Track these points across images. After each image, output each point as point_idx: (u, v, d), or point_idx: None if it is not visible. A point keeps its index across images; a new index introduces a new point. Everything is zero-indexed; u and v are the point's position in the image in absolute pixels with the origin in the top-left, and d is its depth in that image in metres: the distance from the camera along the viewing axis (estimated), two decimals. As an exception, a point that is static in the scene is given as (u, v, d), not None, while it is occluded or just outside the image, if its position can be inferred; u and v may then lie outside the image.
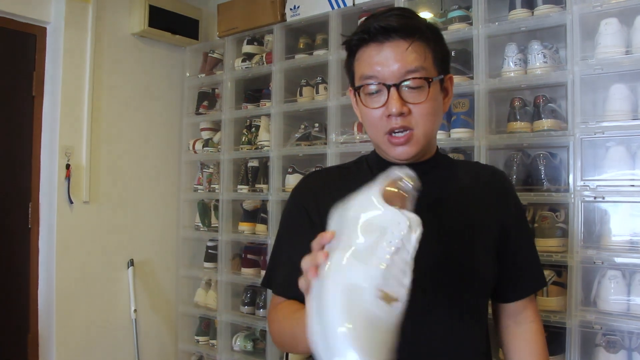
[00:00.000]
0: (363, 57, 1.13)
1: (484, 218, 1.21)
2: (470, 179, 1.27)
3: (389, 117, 1.09)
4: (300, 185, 1.29)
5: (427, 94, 1.09)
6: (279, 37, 2.99)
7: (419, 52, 1.09)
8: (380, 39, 1.09)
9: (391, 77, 1.08)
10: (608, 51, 1.96)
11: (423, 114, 1.10)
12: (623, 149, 1.98)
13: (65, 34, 2.89)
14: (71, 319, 2.90)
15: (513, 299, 1.28)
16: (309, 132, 2.87)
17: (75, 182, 2.92)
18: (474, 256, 1.17)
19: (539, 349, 1.27)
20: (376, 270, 0.76)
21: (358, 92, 1.15)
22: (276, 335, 1.15)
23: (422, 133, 1.12)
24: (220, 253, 3.18)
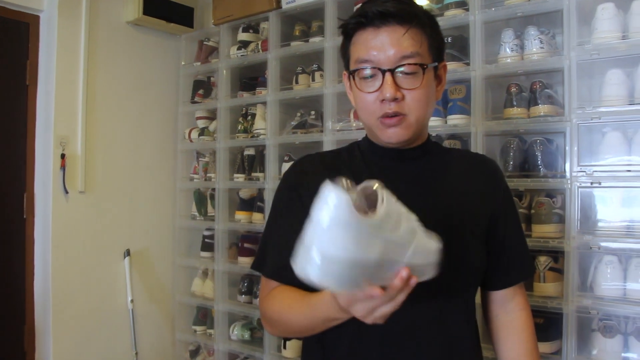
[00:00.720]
0: (359, 41, 1.13)
1: (474, 206, 1.22)
2: (460, 166, 1.27)
3: (382, 101, 1.10)
4: (293, 168, 1.29)
5: (422, 80, 1.10)
6: (275, 25, 2.97)
7: (415, 39, 1.09)
8: (377, 24, 1.09)
9: (386, 62, 1.08)
10: (604, 36, 1.96)
11: (416, 100, 1.10)
12: (619, 135, 1.98)
13: (58, 22, 2.87)
14: (67, 309, 2.90)
15: (501, 287, 1.29)
16: (305, 120, 2.86)
17: (70, 171, 2.91)
18: (463, 244, 1.17)
19: (528, 337, 1.28)
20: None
21: (353, 75, 1.14)
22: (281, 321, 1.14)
23: (415, 119, 1.12)
24: (217, 242, 3.18)
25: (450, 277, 1.14)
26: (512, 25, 2.24)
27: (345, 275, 0.77)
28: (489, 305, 1.32)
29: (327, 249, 0.76)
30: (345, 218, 0.75)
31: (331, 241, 0.76)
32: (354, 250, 0.76)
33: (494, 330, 1.32)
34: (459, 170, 1.26)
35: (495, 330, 1.31)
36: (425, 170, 1.22)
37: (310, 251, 0.77)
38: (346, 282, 0.79)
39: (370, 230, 0.77)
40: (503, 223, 1.25)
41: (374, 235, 0.78)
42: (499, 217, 1.24)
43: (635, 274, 1.89)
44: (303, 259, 0.79)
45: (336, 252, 0.76)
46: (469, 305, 1.21)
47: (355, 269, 0.77)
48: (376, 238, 0.78)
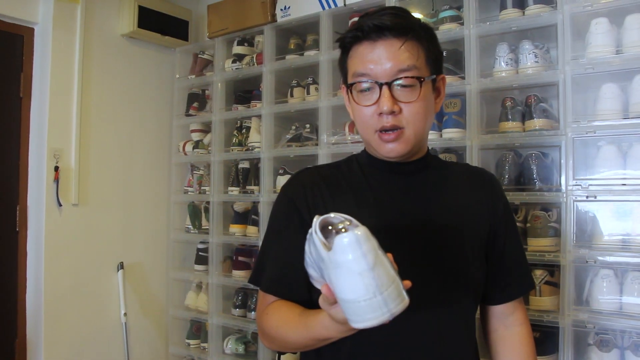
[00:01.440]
0: (356, 54, 1.13)
1: (473, 220, 1.21)
2: (460, 180, 1.27)
3: (380, 115, 1.10)
4: (291, 181, 1.28)
5: (419, 94, 1.09)
6: (270, 38, 2.98)
7: (411, 51, 1.09)
8: (374, 37, 1.09)
9: (383, 76, 1.08)
10: (598, 51, 1.97)
11: (414, 113, 1.10)
12: (614, 148, 1.98)
13: (53, 34, 2.87)
14: (60, 323, 2.87)
15: (501, 301, 1.28)
16: (300, 133, 2.86)
17: (64, 184, 2.89)
18: (462, 258, 1.17)
19: (527, 352, 1.27)
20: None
21: (350, 89, 1.15)
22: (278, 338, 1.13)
23: (413, 132, 1.12)
24: (211, 255, 3.16)
25: (450, 291, 1.14)
26: (507, 39, 2.25)
27: (400, 288, 0.80)
28: (488, 319, 1.32)
29: (387, 279, 0.78)
30: (375, 244, 0.79)
31: (386, 270, 0.78)
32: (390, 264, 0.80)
33: (493, 345, 1.31)
34: (458, 184, 1.25)
35: (494, 345, 1.30)
36: (424, 184, 1.22)
37: (373, 299, 0.78)
38: (403, 293, 0.81)
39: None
40: (502, 237, 1.25)
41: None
42: (498, 230, 1.24)
43: (631, 288, 1.89)
44: (368, 311, 0.79)
45: (387, 278, 0.78)
46: (468, 321, 1.20)
47: (398, 277, 0.80)
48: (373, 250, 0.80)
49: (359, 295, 0.77)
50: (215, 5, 3.26)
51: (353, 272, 0.77)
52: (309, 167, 1.32)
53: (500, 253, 1.25)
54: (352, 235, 0.76)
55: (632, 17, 1.92)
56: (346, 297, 0.79)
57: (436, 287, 1.13)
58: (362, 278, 0.76)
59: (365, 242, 0.77)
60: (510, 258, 1.27)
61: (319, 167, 1.35)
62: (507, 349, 1.28)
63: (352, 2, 2.65)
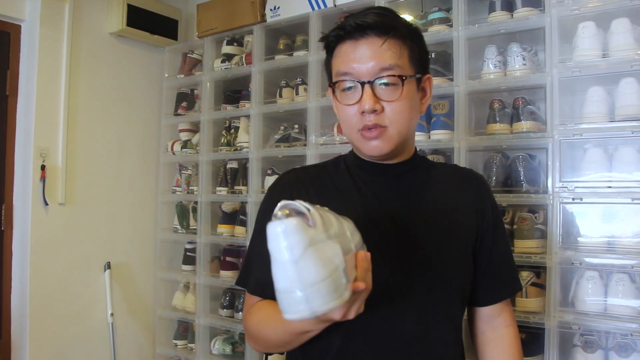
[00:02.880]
0: (339, 54, 1.13)
1: (461, 221, 1.21)
2: (448, 181, 1.27)
3: (362, 114, 1.09)
4: (277, 182, 1.28)
5: (401, 92, 1.09)
6: (259, 38, 2.98)
7: (393, 50, 1.09)
8: (356, 36, 1.09)
9: (366, 74, 1.08)
10: (585, 54, 1.98)
11: (396, 112, 1.10)
12: (600, 151, 2.00)
13: (40, 32, 2.85)
14: (45, 324, 2.85)
15: (488, 303, 1.28)
16: (289, 134, 2.86)
17: (50, 183, 2.88)
18: (450, 259, 1.17)
19: (514, 354, 1.27)
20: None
21: (334, 88, 1.15)
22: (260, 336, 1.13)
23: (396, 131, 1.11)
24: (199, 255, 3.15)
25: (437, 293, 1.14)
26: (495, 41, 2.26)
27: (334, 288, 0.77)
28: (475, 321, 1.31)
29: (314, 275, 0.75)
30: (309, 237, 0.75)
31: (312, 266, 0.75)
32: (330, 258, 0.76)
33: (479, 347, 1.31)
34: (446, 185, 1.25)
35: (481, 347, 1.30)
36: (412, 186, 1.21)
37: (293, 293, 0.76)
38: (338, 293, 0.78)
39: (325, 235, 0.78)
40: (490, 238, 1.24)
41: (328, 237, 0.79)
42: (485, 232, 1.24)
43: (616, 290, 1.90)
44: (291, 305, 0.77)
45: (322, 271, 0.75)
46: (455, 322, 1.20)
47: (339, 275, 0.77)
48: (330, 239, 0.79)
49: (281, 286, 0.76)
50: (205, 5, 3.26)
51: (277, 261, 0.76)
52: (295, 167, 1.32)
53: (488, 255, 1.24)
54: (280, 224, 0.74)
55: (618, 21, 1.93)
56: (275, 285, 0.78)
57: (423, 289, 1.13)
58: (285, 270, 0.75)
59: (295, 234, 0.74)
60: (498, 260, 1.26)
61: (306, 168, 1.35)
62: (494, 351, 1.28)
63: (342, 2, 2.66)
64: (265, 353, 2.32)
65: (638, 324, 1.83)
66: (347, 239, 0.84)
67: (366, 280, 0.84)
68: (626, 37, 1.91)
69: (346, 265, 0.80)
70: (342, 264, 0.78)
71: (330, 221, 0.83)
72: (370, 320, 1.03)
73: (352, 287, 0.80)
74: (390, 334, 1.10)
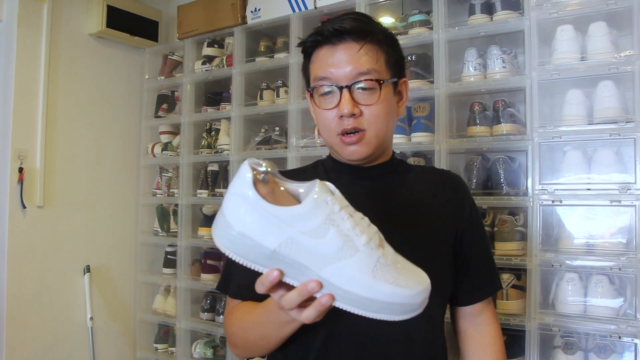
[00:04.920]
0: (317, 59, 1.15)
1: (439, 222, 1.22)
2: (425, 183, 1.28)
3: (341, 118, 1.11)
4: None
5: (379, 96, 1.11)
6: (240, 40, 2.96)
7: (370, 55, 1.11)
8: (334, 41, 1.11)
9: (343, 79, 1.10)
10: (564, 57, 2.00)
11: (375, 115, 1.11)
12: (579, 153, 2.01)
13: (18, 32, 2.80)
14: (23, 328, 2.80)
15: (469, 302, 1.29)
16: (270, 136, 2.85)
17: (28, 186, 2.83)
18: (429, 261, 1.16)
19: (497, 351, 1.28)
20: None
21: (312, 93, 1.16)
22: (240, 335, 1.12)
23: (374, 134, 1.13)
24: (180, 259, 3.13)
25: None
26: (476, 44, 2.27)
27: (245, 248, 0.78)
28: (457, 320, 1.33)
29: (225, 211, 0.79)
30: (242, 190, 0.77)
31: (228, 206, 0.79)
32: (248, 226, 0.77)
33: (462, 345, 1.32)
34: (423, 187, 1.26)
35: (464, 346, 1.31)
36: (389, 188, 1.22)
37: (219, 215, 0.80)
38: (247, 256, 0.79)
39: (270, 218, 0.77)
40: (469, 238, 1.26)
41: (276, 225, 0.77)
42: (464, 232, 1.25)
43: (595, 291, 1.92)
44: (215, 224, 0.81)
45: (230, 217, 0.78)
46: (435, 324, 1.20)
47: (252, 246, 0.78)
48: (278, 229, 0.77)
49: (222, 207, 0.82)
50: (186, 6, 3.23)
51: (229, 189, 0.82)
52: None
53: (467, 254, 1.26)
54: (246, 169, 0.78)
55: (595, 24, 1.95)
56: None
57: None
58: (226, 196, 0.82)
59: (244, 185, 0.78)
60: (478, 259, 1.28)
61: (286, 172, 1.35)
62: (476, 348, 1.29)
63: (323, 4, 2.65)
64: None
65: (617, 325, 1.84)
66: (314, 262, 0.78)
67: (290, 303, 0.81)
68: (604, 40, 1.93)
69: (270, 258, 0.78)
70: (260, 246, 0.77)
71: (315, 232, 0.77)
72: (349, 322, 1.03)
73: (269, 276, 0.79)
74: (370, 336, 1.11)
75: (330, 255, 0.77)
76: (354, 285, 0.78)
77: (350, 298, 0.79)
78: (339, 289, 0.78)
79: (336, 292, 0.78)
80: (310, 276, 0.78)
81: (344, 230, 0.78)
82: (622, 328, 1.83)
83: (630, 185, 1.86)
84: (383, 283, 0.79)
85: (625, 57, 1.88)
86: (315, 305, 0.80)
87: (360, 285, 0.78)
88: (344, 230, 0.78)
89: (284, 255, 0.77)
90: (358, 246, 0.78)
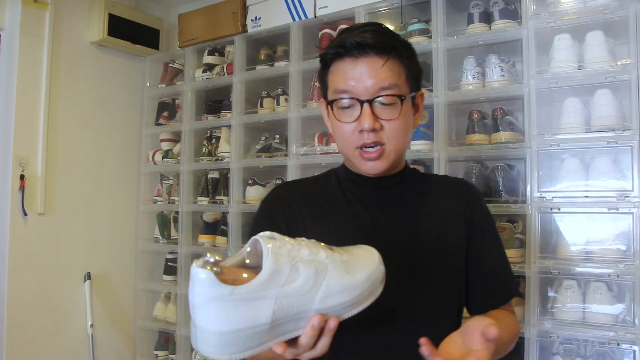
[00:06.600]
0: (337, 70, 1.13)
1: (450, 231, 1.21)
2: (437, 192, 1.27)
3: (361, 132, 1.10)
4: (269, 196, 1.29)
5: (400, 111, 1.10)
6: (240, 48, 2.98)
7: (393, 70, 1.10)
8: (356, 54, 1.10)
9: (365, 93, 1.09)
10: (562, 65, 2.02)
11: (395, 130, 1.11)
12: (577, 161, 2.02)
13: (20, 40, 2.82)
14: (23, 336, 2.81)
15: (482, 311, 1.24)
16: (270, 144, 2.86)
17: (29, 193, 2.84)
18: (441, 270, 1.17)
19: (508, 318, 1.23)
20: None
21: (331, 105, 1.15)
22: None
23: (394, 148, 1.13)
24: (180, 266, 3.13)
25: (429, 304, 1.14)
26: (474, 53, 2.29)
27: (246, 341, 0.77)
28: None
29: (207, 326, 0.76)
30: (213, 293, 0.75)
31: (207, 318, 0.76)
32: (236, 321, 0.76)
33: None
34: (436, 196, 1.26)
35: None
36: (402, 198, 1.22)
37: (196, 330, 0.77)
38: (251, 345, 0.78)
39: (251, 296, 0.76)
40: (477, 245, 1.23)
41: (259, 297, 0.77)
42: (475, 238, 1.23)
43: (593, 298, 1.92)
44: (195, 338, 0.79)
45: (218, 327, 0.76)
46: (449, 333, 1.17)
47: (250, 334, 0.77)
48: (264, 299, 0.77)
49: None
50: (187, 15, 3.26)
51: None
52: (288, 181, 1.33)
53: (478, 262, 1.22)
54: (194, 269, 0.76)
55: (592, 33, 1.97)
56: None
57: (415, 301, 1.13)
58: (190, 306, 0.79)
59: (201, 284, 0.76)
60: (489, 266, 1.24)
61: (298, 181, 1.36)
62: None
63: (323, 14, 2.67)
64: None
65: (616, 332, 1.85)
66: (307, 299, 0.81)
67: (307, 346, 0.83)
68: (600, 49, 1.95)
69: (271, 328, 0.79)
70: (258, 326, 0.77)
71: (290, 277, 0.79)
72: (359, 333, 1.04)
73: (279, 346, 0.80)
74: (379, 346, 1.11)
75: (312, 286, 0.81)
76: (343, 294, 0.83)
77: (346, 305, 0.84)
78: (335, 306, 0.83)
79: (334, 310, 0.83)
80: (308, 315, 0.81)
81: (307, 259, 0.81)
82: (620, 335, 1.84)
83: (628, 192, 1.88)
84: (357, 273, 0.85)
85: (622, 66, 1.90)
86: (325, 333, 0.83)
87: (347, 291, 0.84)
88: (307, 259, 0.81)
89: (281, 317, 0.79)
90: (325, 262, 0.82)
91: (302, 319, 0.81)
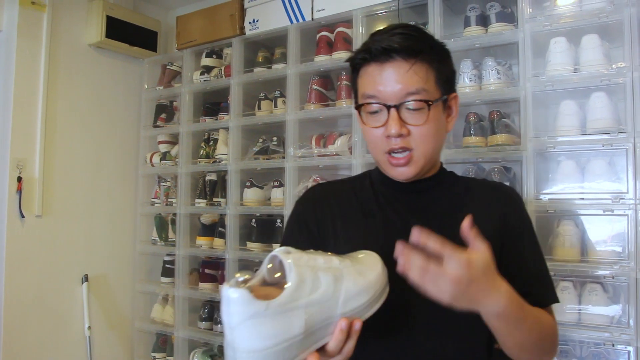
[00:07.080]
0: (365, 75, 1.13)
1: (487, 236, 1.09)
2: (474, 196, 1.23)
3: (388, 137, 1.09)
4: (302, 198, 1.29)
5: (427, 116, 1.08)
6: (238, 51, 2.99)
7: (420, 74, 1.08)
8: (382, 59, 1.09)
9: (392, 98, 1.08)
10: (558, 68, 2.03)
11: (423, 135, 1.09)
12: (573, 163, 2.04)
13: (17, 42, 2.83)
14: (20, 338, 2.81)
15: None
16: (267, 146, 2.87)
17: (27, 195, 2.85)
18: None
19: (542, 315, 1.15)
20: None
21: (359, 109, 1.14)
22: None
23: (422, 154, 1.11)
24: (178, 268, 3.14)
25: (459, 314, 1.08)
26: (471, 55, 2.30)
27: (281, 355, 0.79)
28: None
29: (248, 345, 0.77)
30: (250, 311, 0.76)
31: (247, 337, 0.77)
32: (275, 334, 0.78)
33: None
34: (472, 201, 1.21)
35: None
36: (435, 202, 1.20)
37: (235, 353, 0.78)
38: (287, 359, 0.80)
39: (284, 308, 0.78)
40: (515, 247, 1.18)
41: (291, 308, 0.79)
42: (511, 241, 1.17)
43: (589, 299, 1.94)
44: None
45: (258, 344, 0.77)
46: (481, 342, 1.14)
47: (286, 347, 0.79)
48: (295, 310, 0.79)
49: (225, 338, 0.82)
50: (185, 17, 3.26)
51: (223, 318, 0.81)
52: (321, 182, 1.32)
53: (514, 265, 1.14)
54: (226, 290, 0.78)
55: (588, 37, 1.99)
56: None
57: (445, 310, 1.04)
58: (225, 329, 0.81)
59: (236, 304, 0.78)
60: (527, 270, 1.17)
61: (331, 182, 1.35)
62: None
63: (320, 16, 2.68)
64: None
65: (611, 332, 1.86)
66: (331, 305, 0.84)
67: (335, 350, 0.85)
68: (596, 52, 1.96)
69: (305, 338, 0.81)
70: (294, 337, 0.79)
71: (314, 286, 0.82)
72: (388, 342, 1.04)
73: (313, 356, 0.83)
74: (408, 355, 1.09)
75: (334, 291, 0.84)
76: (361, 295, 0.88)
77: (365, 306, 0.89)
78: (356, 307, 0.87)
79: (356, 312, 0.87)
80: (334, 320, 0.85)
81: (324, 267, 0.85)
82: (615, 336, 1.85)
83: (623, 194, 1.89)
84: (368, 275, 0.90)
85: (617, 69, 1.91)
86: (352, 335, 0.86)
87: (364, 292, 0.89)
88: (324, 267, 0.85)
89: (312, 326, 0.81)
90: (339, 268, 0.87)
91: (329, 325, 0.84)
